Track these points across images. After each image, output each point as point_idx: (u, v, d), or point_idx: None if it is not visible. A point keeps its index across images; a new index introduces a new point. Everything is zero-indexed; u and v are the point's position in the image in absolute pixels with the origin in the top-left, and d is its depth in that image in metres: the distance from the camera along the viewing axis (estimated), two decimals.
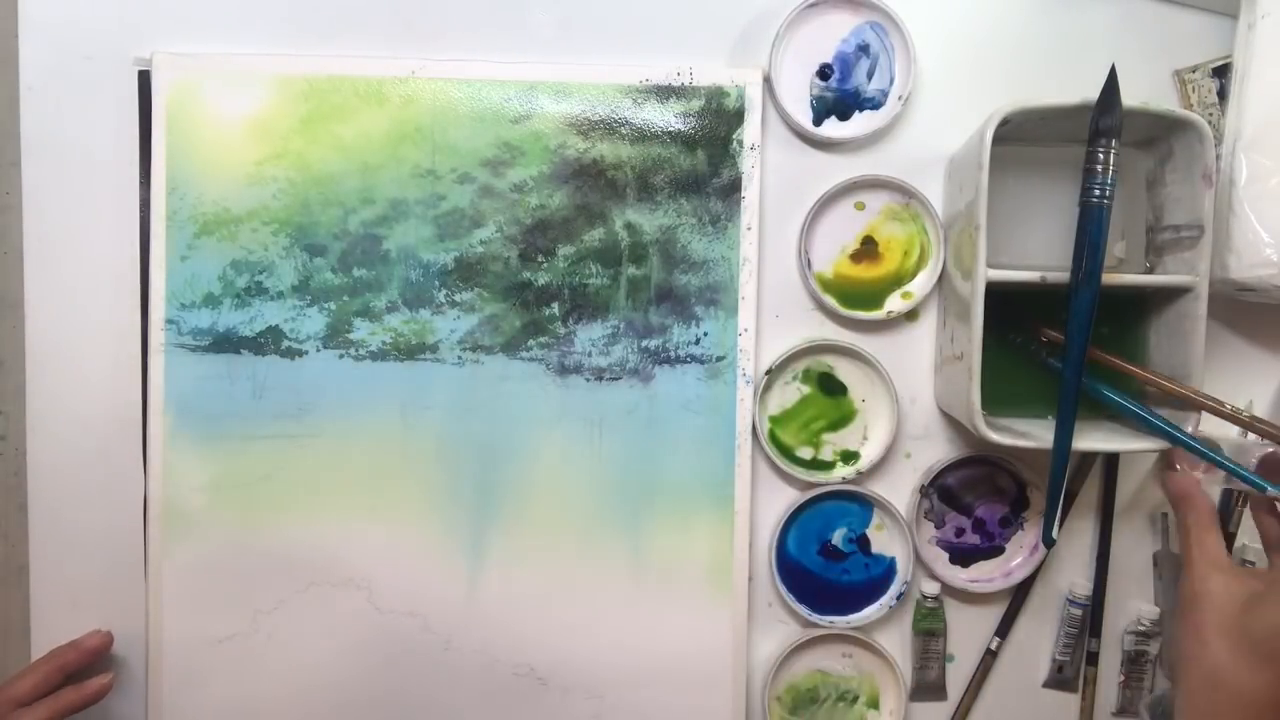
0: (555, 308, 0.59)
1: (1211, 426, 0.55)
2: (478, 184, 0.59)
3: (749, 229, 0.59)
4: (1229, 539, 0.61)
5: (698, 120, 0.59)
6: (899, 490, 0.62)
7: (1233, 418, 0.54)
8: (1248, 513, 0.63)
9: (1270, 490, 0.53)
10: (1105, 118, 0.51)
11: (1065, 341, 0.53)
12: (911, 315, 0.61)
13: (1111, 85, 0.51)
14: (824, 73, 0.59)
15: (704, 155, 0.59)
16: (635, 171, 0.59)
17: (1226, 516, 0.61)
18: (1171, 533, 0.63)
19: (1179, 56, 0.61)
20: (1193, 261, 0.54)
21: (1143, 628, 0.62)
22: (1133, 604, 0.63)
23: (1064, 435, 0.53)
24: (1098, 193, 0.51)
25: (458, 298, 0.59)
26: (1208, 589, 0.46)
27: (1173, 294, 0.56)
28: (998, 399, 0.55)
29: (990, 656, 0.63)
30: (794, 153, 0.60)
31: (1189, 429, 0.54)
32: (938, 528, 0.62)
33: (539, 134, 0.59)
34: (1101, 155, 0.51)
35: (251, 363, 0.58)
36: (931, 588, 0.62)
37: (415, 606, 0.60)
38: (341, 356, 0.59)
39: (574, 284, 0.59)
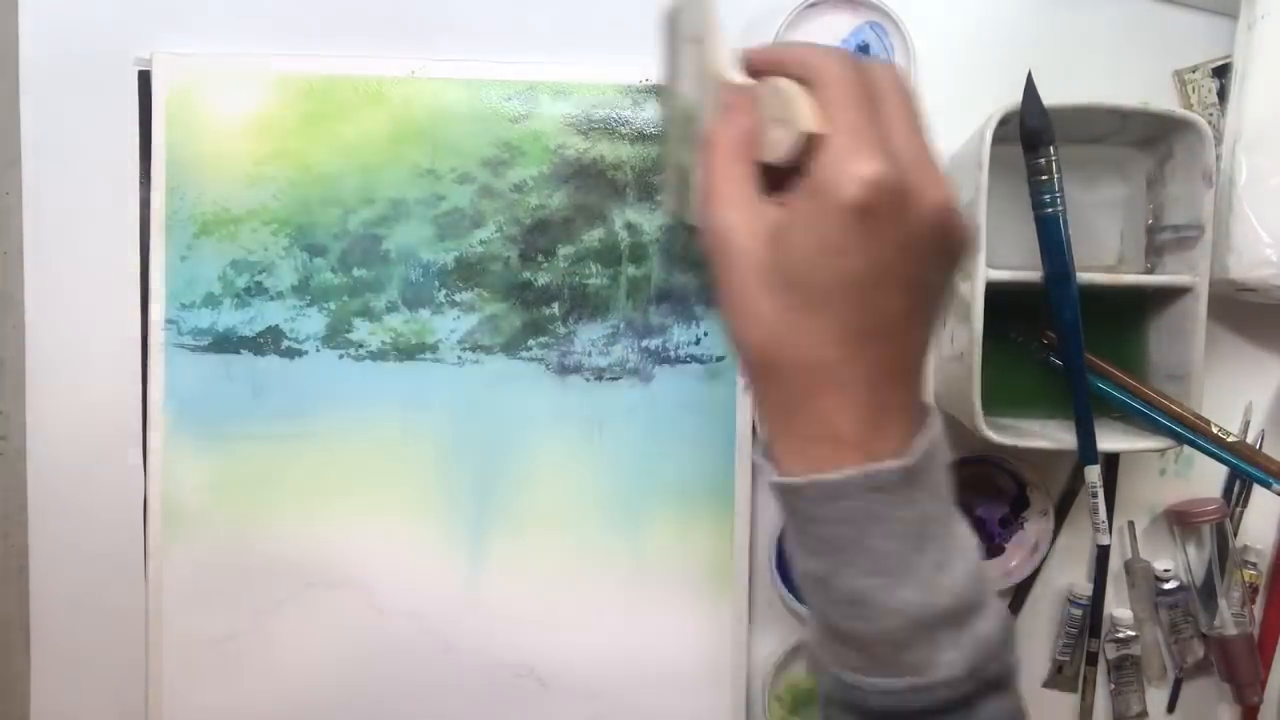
0: (555, 308, 0.59)
1: (1224, 421, 0.55)
2: (478, 184, 0.59)
3: None
4: (1229, 538, 0.62)
5: None
6: None
7: (1220, 440, 0.54)
8: (1249, 513, 0.63)
9: (1276, 486, 0.53)
10: (1033, 119, 0.51)
11: (1061, 347, 0.53)
12: None
13: (1031, 91, 0.51)
14: None
15: None
16: (635, 171, 0.59)
17: (1228, 513, 0.62)
18: (1140, 539, 0.63)
19: (1179, 56, 0.61)
20: (1193, 261, 0.54)
21: (1120, 634, 0.62)
22: (1108, 611, 0.63)
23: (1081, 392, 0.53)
24: (1049, 200, 0.51)
25: (458, 298, 0.59)
26: (727, 227, 0.36)
27: (1173, 294, 0.56)
28: (998, 399, 0.55)
29: None
30: None
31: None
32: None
33: (539, 134, 0.59)
34: (1043, 163, 0.51)
35: (251, 363, 0.58)
36: None
37: (415, 607, 0.60)
38: (341, 356, 0.59)
39: (574, 284, 0.59)
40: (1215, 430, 0.54)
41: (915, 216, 0.33)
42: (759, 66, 0.38)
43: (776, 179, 0.36)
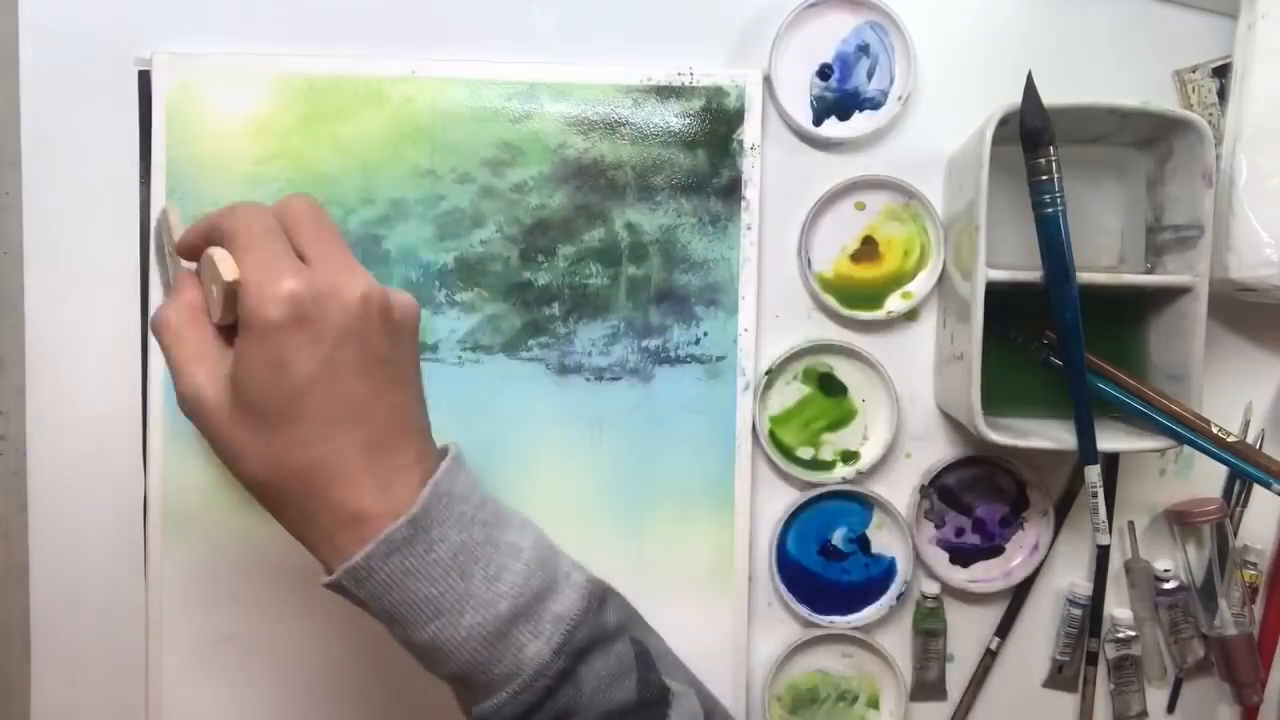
0: (555, 307, 0.59)
1: (1224, 421, 0.55)
2: (478, 184, 0.59)
3: (749, 229, 0.59)
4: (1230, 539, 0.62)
5: (698, 120, 0.59)
6: (899, 490, 0.62)
7: (1219, 440, 0.54)
8: (1249, 513, 0.63)
9: (1276, 486, 0.53)
10: (1033, 119, 0.51)
11: (1061, 347, 0.54)
12: (911, 315, 0.61)
13: (1031, 91, 0.51)
14: (824, 73, 0.59)
15: (704, 155, 0.59)
16: (635, 171, 0.59)
17: (1228, 513, 0.62)
18: (1140, 539, 0.63)
19: (1179, 56, 0.61)
20: (1193, 261, 0.54)
21: (1120, 634, 0.62)
22: (1108, 611, 0.63)
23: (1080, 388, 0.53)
24: (1049, 200, 0.51)
25: (458, 298, 0.59)
26: (194, 386, 0.38)
27: (1173, 294, 0.56)
28: (998, 399, 0.55)
29: (990, 656, 0.63)
30: (794, 153, 0.60)
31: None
32: (938, 528, 0.62)
33: (539, 134, 0.59)
34: (1043, 163, 0.51)
35: None
36: (931, 588, 0.62)
37: None
38: None
39: (574, 284, 0.59)
40: (1215, 430, 0.54)
41: (341, 311, 0.37)
42: (191, 246, 0.42)
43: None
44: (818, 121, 0.59)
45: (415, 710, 0.60)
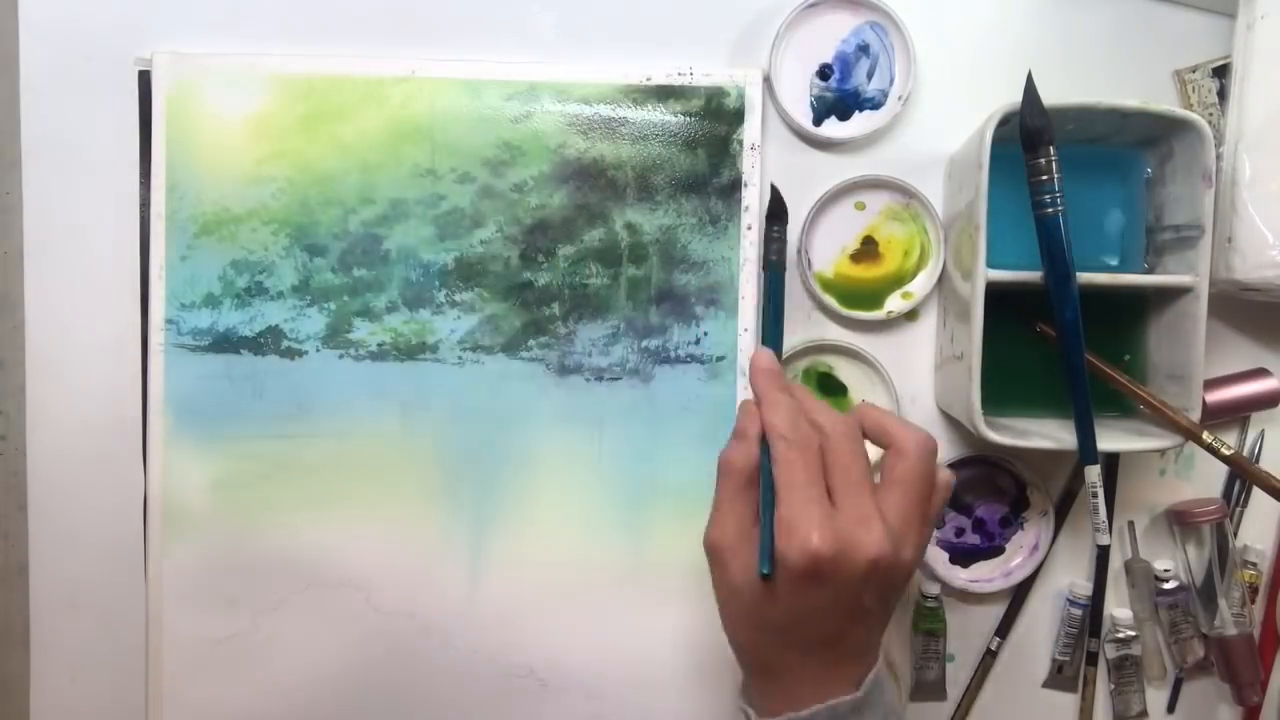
0: (555, 308, 0.59)
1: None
2: (478, 184, 0.59)
3: (749, 229, 0.59)
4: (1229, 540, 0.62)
5: (698, 120, 0.59)
6: None
7: (1214, 450, 0.54)
8: (1249, 513, 0.63)
9: None
10: (1033, 119, 0.51)
11: (1060, 347, 0.54)
12: (911, 315, 0.61)
13: (1031, 91, 0.51)
14: (824, 73, 0.59)
15: (704, 155, 0.59)
16: (635, 171, 0.59)
17: (1228, 513, 0.62)
18: (1140, 539, 0.63)
19: (1179, 56, 0.61)
20: (1193, 261, 0.54)
21: (1120, 635, 0.62)
22: (1108, 611, 0.63)
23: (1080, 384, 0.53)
24: (1049, 200, 0.51)
25: (458, 298, 0.59)
26: (721, 537, 0.48)
27: (1173, 294, 0.56)
28: (998, 399, 0.55)
29: (990, 656, 0.63)
30: (794, 153, 0.60)
31: None
32: (938, 528, 0.62)
33: (539, 134, 0.59)
34: (1043, 163, 0.51)
35: (251, 363, 0.58)
36: (931, 588, 0.61)
37: (415, 607, 0.60)
38: (341, 356, 0.59)
39: (574, 284, 0.59)
40: (1209, 440, 0.54)
41: (850, 572, 0.42)
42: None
43: None
44: (818, 121, 0.59)
45: (414, 711, 0.60)
